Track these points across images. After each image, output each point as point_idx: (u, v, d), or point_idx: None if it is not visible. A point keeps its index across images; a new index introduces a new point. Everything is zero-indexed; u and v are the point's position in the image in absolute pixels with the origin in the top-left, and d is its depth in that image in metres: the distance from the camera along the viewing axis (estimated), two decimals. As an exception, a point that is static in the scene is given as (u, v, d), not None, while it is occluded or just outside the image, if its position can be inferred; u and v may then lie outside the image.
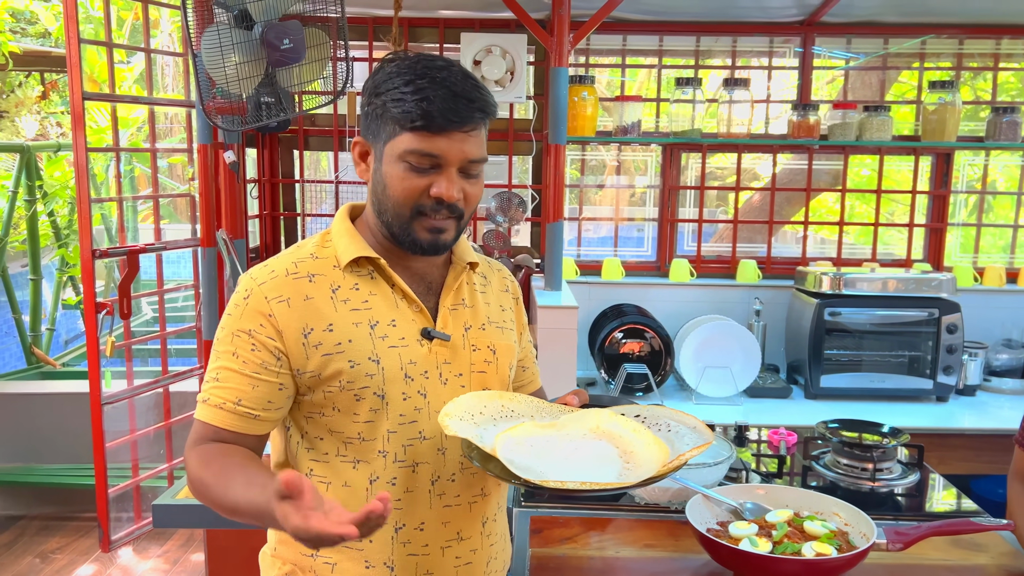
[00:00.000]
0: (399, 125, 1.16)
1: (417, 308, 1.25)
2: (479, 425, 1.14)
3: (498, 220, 3.25)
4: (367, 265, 1.26)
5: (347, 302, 1.22)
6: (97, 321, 2.56)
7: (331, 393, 1.20)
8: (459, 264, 1.32)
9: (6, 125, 7.91)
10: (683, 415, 1.23)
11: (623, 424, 1.17)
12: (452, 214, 1.20)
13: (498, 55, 3.06)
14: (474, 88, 1.17)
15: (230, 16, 2.35)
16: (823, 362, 2.98)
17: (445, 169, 1.17)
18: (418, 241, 1.21)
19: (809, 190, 3.43)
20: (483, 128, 1.20)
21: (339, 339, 1.19)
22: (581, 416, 1.18)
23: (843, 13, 3.18)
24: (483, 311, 1.34)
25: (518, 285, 1.47)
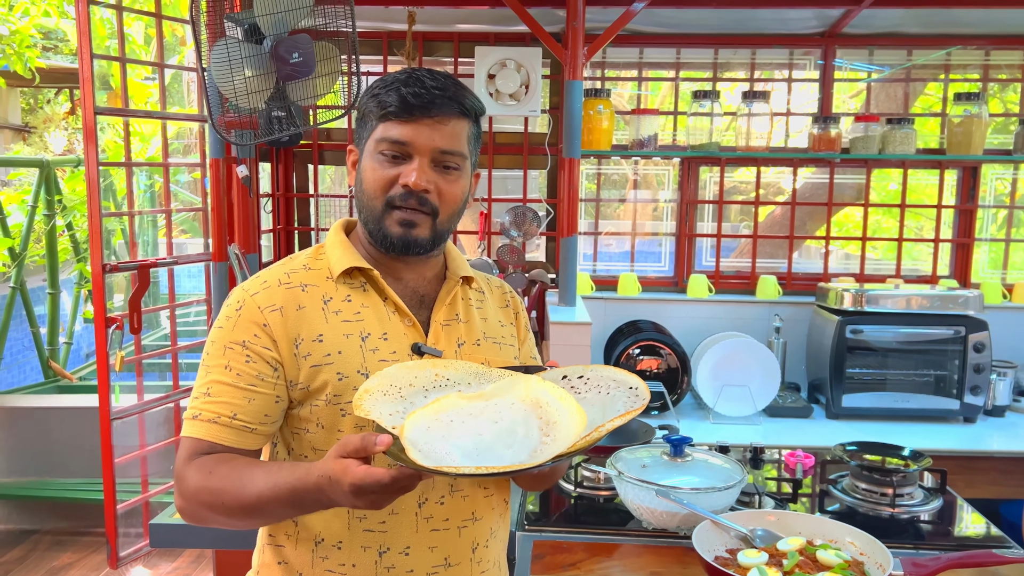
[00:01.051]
0: (375, 117, 1.18)
1: (409, 322, 1.22)
2: (407, 398, 1.06)
3: (512, 235, 3.21)
4: (360, 276, 1.23)
5: (339, 313, 1.19)
6: (107, 336, 2.55)
7: (316, 407, 1.17)
8: (453, 278, 1.29)
9: (35, 140, 8.05)
10: (627, 375, 1.12)
11: (551, 391, 1.06)
12: (423, 207, 1.17)
13: (513, 69, 3.03)
14: (453, 85, 1.18)
15: (240, 30, 2.34)
16: (845, 381, 2.89)
17: (415, 157, 1.16)
18: (389, 235, 1.19)
19: (831, 204, 3.35)
20: (458, 123, 1.18)
21: (328, 350, 1.16)
22: (513, 383, 1.09)
23: (865, 24, 3.12)
24: (478, 327, 1.30)
25: (519, 300, 1.42)
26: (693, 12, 3.03)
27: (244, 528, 1.14)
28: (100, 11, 5.23)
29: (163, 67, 2.85)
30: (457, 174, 1.20)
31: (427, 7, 3.01)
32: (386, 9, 3.04)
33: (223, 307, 1.21)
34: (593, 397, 1.09)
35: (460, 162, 1.20)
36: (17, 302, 3.92)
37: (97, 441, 2.65)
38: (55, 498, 3.30)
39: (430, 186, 1.17)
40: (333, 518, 1.18)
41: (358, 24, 2.48)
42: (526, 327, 1.41)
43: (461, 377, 1.12)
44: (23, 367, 4.55)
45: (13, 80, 6.12)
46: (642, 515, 1.61)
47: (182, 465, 1.14)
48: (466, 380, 1.12)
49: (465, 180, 1.22)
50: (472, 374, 1.13)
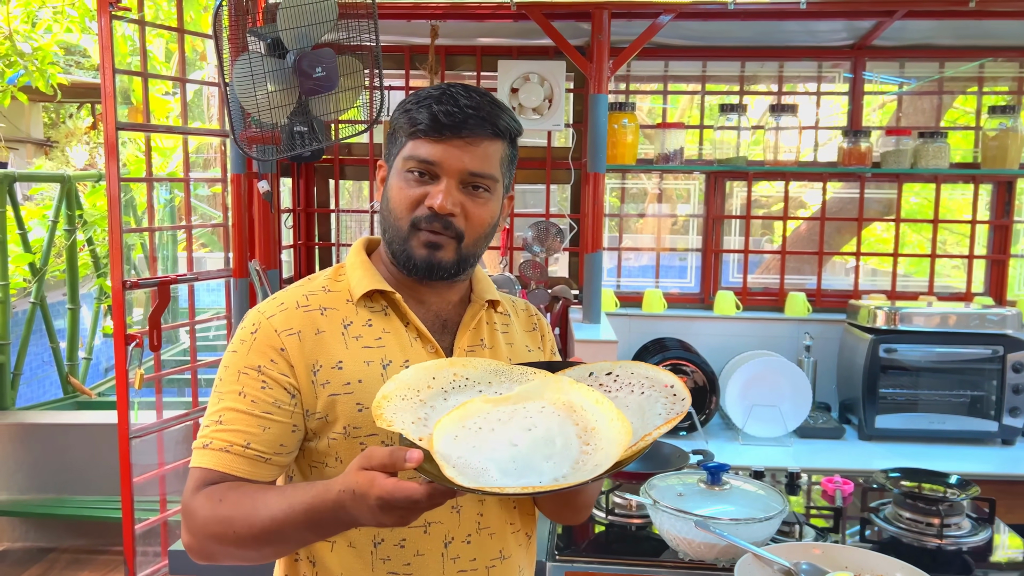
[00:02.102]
0: (405, 135, 1.13)
1: (432, 348, 1.17)
2: (427, 401, 1.00)
3: (535, 250, 3.16)
4: (381, 300, 1.18)
5: (359, 339, 1.14)
6: (127, 353, 2.52)
7: (334, 440, 1.11)
8: (477, 302, 1.24)
9: (56, 155, 8.11)
10: (659, 371, 1.04)
11: (585, 394, 0.98)
12: (447, 231, 1.12)
13: (536, 83, 2.99)
14: (489, 104, 1.13)
15: (263, 44, 2.31)
16: (878, 401, 2.81)
17: (443, 178, 1.11)
18: (413, 258, 1.13)
19: (861, 220, 3.27)
20: (491, 144, 1.13)
21: (348, 378, 1.11)
22: (541, 385, 1.02)
23: (895, 36, 3.06)
24: (503, 352, 1.24)
25: (546, 323, 1.37)
26: (719, 25, 2.98)
27: (257, 560, 1.06)
28: (123, 28, 5.26)
29: (184, 82, 2.83)
30: (487, 196, 1.15)
31: (450, 21, 2.98)
32: (408, 23, 3.01)
33: (238, 330, 1.16)
34: (626, 397, 1.01)
35: (490, 184, 1.14)
36: (37, 317, 3.91)
37: (115, 458, 2.62)
38: (73, 516, 3.27)
39: (456, 209, 1.12)
40: (355, 559, 1.12)
41: (380, 38, 2.45)
42: (552, 351, 1.35)
43: (481, 376, 1.06)
44: (43, 382, 4.54)
45: (35, 95, 6.17)
46: (679, 546, 1.55)
47: (189, 497, 1.07)
48: (486, 379, 1.05)
49: (495, 203, 1.17)
50: (492, 372, 1.07)
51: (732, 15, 2.84)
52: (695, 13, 2.81)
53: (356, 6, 2.38)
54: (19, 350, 3.70)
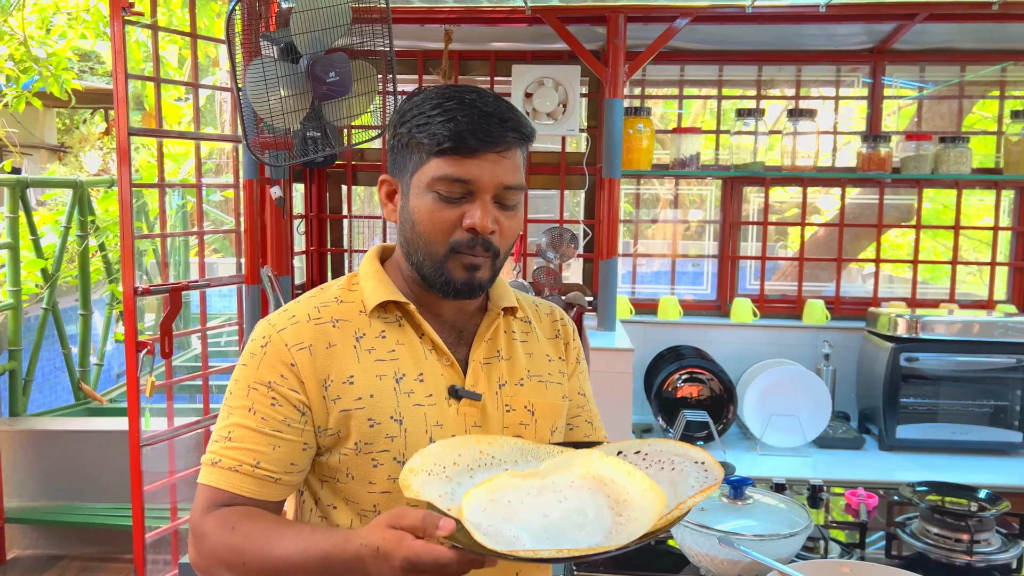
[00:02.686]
0: (426, 152, 1.05)
1: (447, 361, 1.13)
2: (452, 478, 0.97)
3: (549, 256, 3.13)
4: (395, 311, 1.14)
5: (371, 351, 1.10)
6: (138, 360, 2.50)
7: (346, 456, 1.07)
8: (494, 310, 1.19)
9: (70, 160, 8.14)
10: (690, 448, 1.03)
11: (616, 467, 0.97)
12: (487, 250, 1.07)
13: (550, 87, 2.95)
14: (507, 109, 1.07)
15: (276, 49, 2.29)
16: (899, 411, 2.76)
17: (478, 196, 1.05)
18: (452, 281, 1.08)
19: (880, 226, 3.22)
20: (519, 153, 1.08)
21: (359, 393, 1.07)
22: (569, 460, 1.00)
23: (916, 40, 3.01)
24: (522, 364, 1.19)
25: (572, 327, 1.30)
26: (737, 28, 2.95)
27: None
28: (136, 34, 5.27)
29: (197, 87, 2.81)
30: (517, 208, 1.10)
31: (464, 25, 2.96)
32: (421, 28, 2.99)
33: (248, 342, 1.12)
34: (656, 474, 0.99)
35: (520, 195, 1.10)
36: (48, 323, 3.90)
37: (126, 465, 2.60)
38: (84, 523, 3.25)
39: (495, 226, 1.07)
40: None
41: (393, 43, 2.42)
42: (578, 359, 1.29)
43: (507, 455, 1.03)
44: (54, 387, 4.54)
45: (50, 101, 6.19)
46: (700, 562, 1.51)
47: (199, 517, 1.03)
48: (512, 458, 1.03)
49: (521, 212, 1.12)
50: (518, 451, 1.04)
51: (750, 19, 2.80)
52: (712, 17, 2.78)
53: (370, 10, 2.35)
54: (31, 356, 3.69)
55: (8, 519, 3.20)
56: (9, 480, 3.27)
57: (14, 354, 3.54)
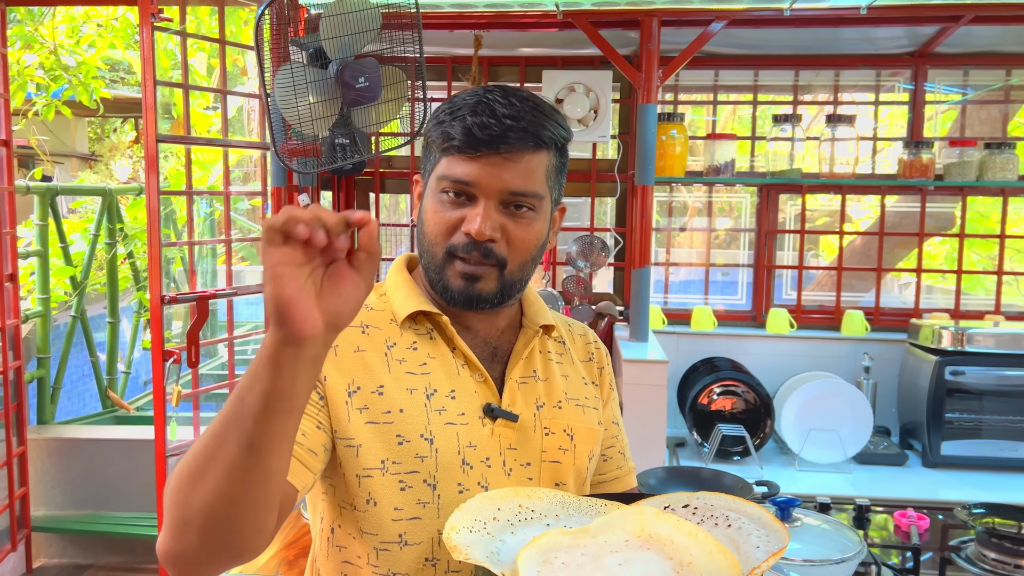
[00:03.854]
0: (439, 149, 1.01)
1: (480, 377, 1.06)
2: (494, 535, 0.91)
3: (579, 265, 3.07)
4: (426, 322, 1.07)
5: (403, 362, 1.03)
6: (164, 369, 2.47)
7: (369, 478, 0.99)
8: (530, 328, 1.11)
9: (101, 168, 8.22)
10: (743, 503, 0.96)
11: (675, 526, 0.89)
12: (487, 259, 1.00)
13: (581, 93, 2.90)
14: (530, 111, 0.98)
15: (305, 55, 2.26)
16: (944, 427, 2.66)
17: (479, 200, 0.98)
18: (450, 288, 1.02)
19: (922, 235, 3.12)
20: (533, 157, 0.99)
21: (389, 406, 0.99)
22: (620, 517, 0.92)
23: (959, 43, 2.93)
24: (559, 385, 1.12)
25: (605, 351, 1.24)
26: (773, 32, 2.88)
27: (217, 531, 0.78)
28: (164, 42, 5.30)
29: (226, 94, 2.79)
30: (531, 216, 1.01)
31: (493, 31, 2.91)
32: (451, 34, 2.95)
33: None
34: (711, 531, 0.92)
35: (535, 203, 1.01)
36: (77, 330, 3.90)
37: (150, 473, 2.57)
38: (110, 533, 3.23)
39: (496, 234, 0.99)
40: None
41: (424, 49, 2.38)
42: (611, 385, 1.22)
43: (547, 508, 0.97)
44: (82, 395, 4.55)
45: (80, 110, 6.24)
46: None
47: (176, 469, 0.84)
48: (553, 511, 0.96)
49: (541, 223, 1.03)
50: (559, 504, 0.98)
51: (787, 22, 2.73)
52: (748, 20, 2.71)
53: (400, 15, 2.31)
54: (59, 364, 3.69)
55: (35, 528, 3.19)
56: (36, 488, 3.27)
57: (42, 362, 3.55)
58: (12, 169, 2.98)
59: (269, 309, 0.71)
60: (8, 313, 2.93)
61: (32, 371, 3.46)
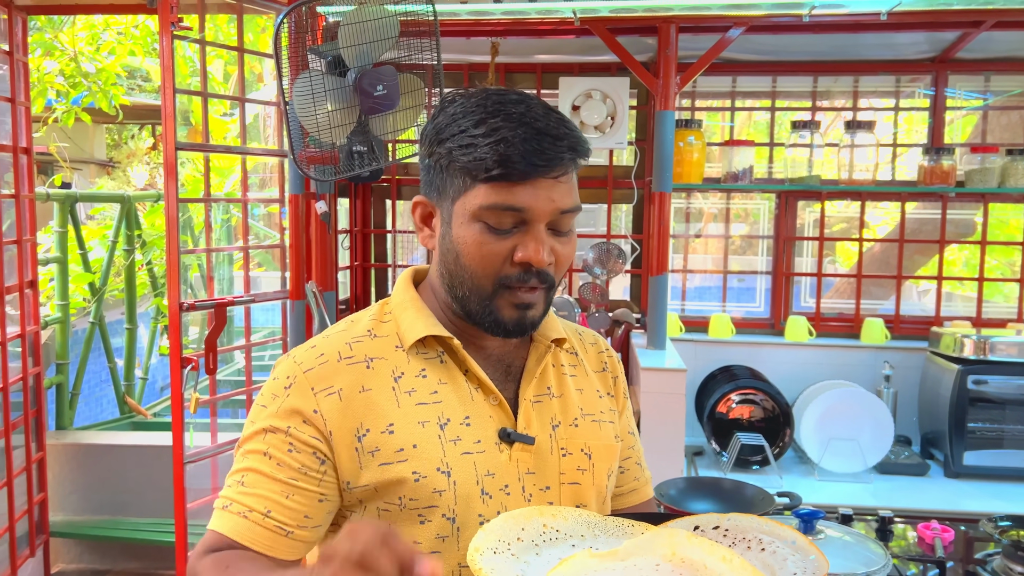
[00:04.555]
0: (471, 176, 0.93)
1: (495, 400, 1.01)
2: (519, 557, 0.88)
3: (596, 272, 3.05)
4: (436, 346, 1.02)
5: (412, 393, 0.98)
6: (182, 376, 2.48)
7: (387, 512, 0.96)
8: (542, 342, 1.07)
9: (118, 175, 8.29)
10: (775, 525, 0.93)
11: (708, 550, 0.86)
12: (542, 283, 0.96)
13: (598, 99, 2.89)
14: (560, 123, 0.94)
15: (324, 63, 2.27)
16: (967, 436, 2.63)
17: (532, 226, 0.94)
18: (502, 321, 0.98)
19: (943, 242, 3.09)
20: (574, 173, 0.97)
21: (401, 444, 0.95)
22: (650, 540, 0.89)
23: (980, 48, 2.90)
24: (575, 401, 1.08)
25: (618, 360, 1.20)
26: (792, 38, 2.86)
27: None
28: (183, 49, 5.33)
29: (244, 101, 2.80)
30: (572, 233, 0.99)
31: (510, 38, 2.91)
32: (467, 40, 2.95)
33: (269, 380, 1.01)
34: (743, 554, 0.90)
35: (574, 217, 0.98)
36: (95, 336, 3.93)
37: (168, 480, 2.57)
38: (127, 538, 3.24)
39: (551, 258, 0.95)
40: None
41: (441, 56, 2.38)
42: (625, 395, 1.18)
43: (571, 528, 0.95)
44: (99, 400, 4.57)
45: (98, 116, 6.30)
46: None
47: (196, 558, 0.92)
48: (578, 532, 0.94)
49: (575, 235, 1.01)
50: (584, 524, 0.96)
51: (806, 28, 2.71)
52: (767, 27, 2.69)
53: (418, 23, 2.31)
54: (78, 370, 3.72)
55: (53, 533, 3.21)
56: (54, 494, 3.28)
57: (61, 368, 3.57)
58: (33, 176, 3.00)
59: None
60: (28, 319, 2.95)
61: (51, 377, 3.49)
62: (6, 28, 2.83)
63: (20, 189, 2.88)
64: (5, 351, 2.78)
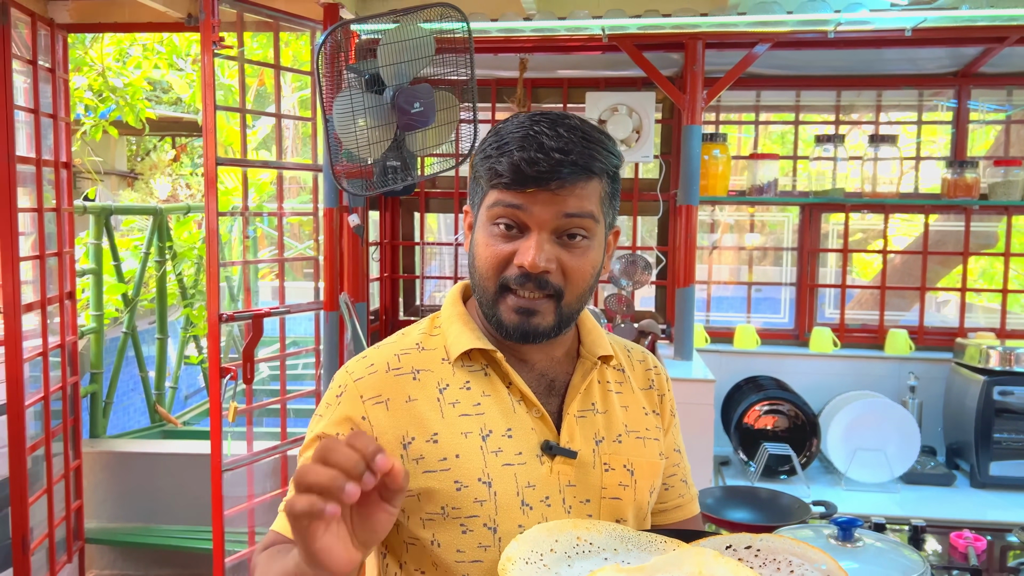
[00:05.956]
0: (487, 182, 1.00)
1: (537, 413, 1.04)
2: (551, 568, 0.91)
3: (622, 284, 3.10)
4: (480, 359, 1.06)
5: (456, 405, 1.02)
6: (221, 385, 2.54)
7: (432, 521, 1.00)
8: (588, 359, 1.09)
9: (141, 186, 8.39)
10: (807, 547, 0.95)
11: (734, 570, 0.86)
12: (542, 290, 0.98)
13: (625, 114, 2.94)
14: (580, 142, 0.97)
15: (362, 80, 2.33)
16: (992, 447, 2.65)
17: (533, 233, 0.97)
18: (504, 324, 1.01)
19: (967, 253, 3.12)
20: (586, 187, 0.98)
21: (444, 453, 0.99)
22: (679, 557, 0.89)
23: (1002, 63, 2.94)
24: (619, 418, 1.10)
25: (666, 376, 1.21)
26: (816, 53, 2.91)
27: None
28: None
29: (280, 117, 2.87)
30: (586, 244, 1.00)
31: (538, 54, 2.97)
32: (495, 57, 3.01)
33: (327, 391, 1.08)
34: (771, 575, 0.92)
35: (589, 227, 0.99)
36: (127, 346, 3.99)
37: (202, 488, 2.63)
38: (161, 546, 3.29)
39: (551, 265, 0.97)
40: None
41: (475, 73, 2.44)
42: (672, 412, 1.19)
43: (605, 541, 0.97)
44: (127, 409, 4.64)
45: (123, 129, 6.39)
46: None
47: (256, 553, 1.00)
48: (611, 545, 0.96)
49: (596, 250, 1.02)
50: (617, 538, 0.98)
51: (830, 43, 2.75)
52: (792, 42, 2.74)
53: (453, 41, 2.37)
54: (111, 379, 3.78)
55: (88, 540, 3.26)
56: (89, 501, 3.34)
57: (95, 377, 3.63)
58: (72, 190, 3.07)
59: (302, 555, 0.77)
60: (67, 330, 3.02)
61: (86, 386, 3.55)
62: (48, 45, 2.91)
63: (61, 202, 2.96)
64: (47, 360, 2.85)
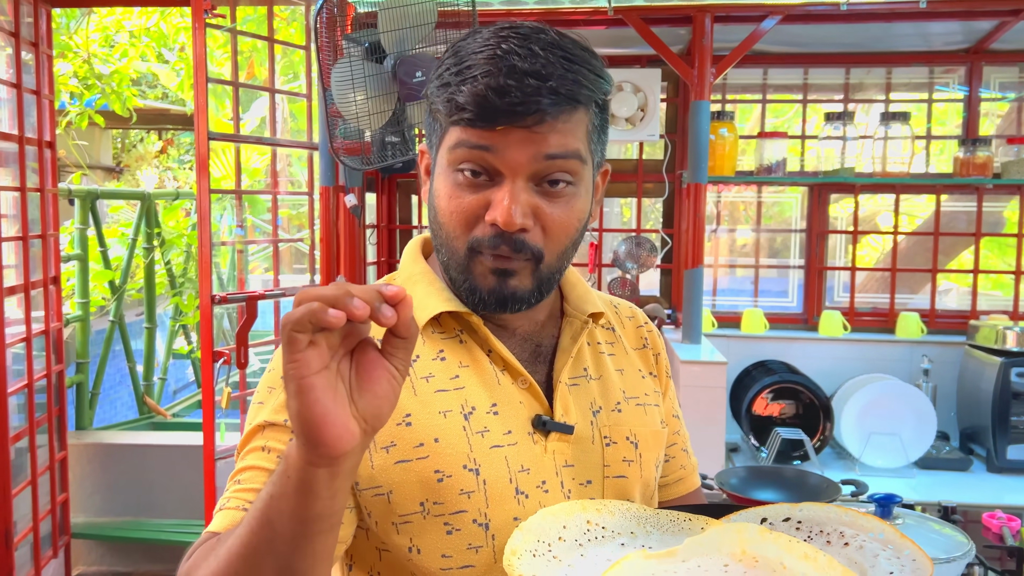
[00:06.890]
0: (446, 117, 0.81)
1: (524, 384, 0.88)
2: (562, 559, 0.77)
3: (627, 267, 3.02)
4: (453, 323, 0.89)
5: (430, 379, 0.85)
6: (213, 370, 2.44)
7: (408, 524, 0.82)
8: (576, 318, 0.93)
9: (127, 179, 8.25)
10: (856, 514, 0.80)
11: (785, 547, 0.71)
12: (517, 250, 0.81)
13: (629, 92, 2.86)
14: (560, 62, 0.78)
15: (361, 49, 2.23)
16: (1010, 431, 2.59)
17: (506, 180, 0.79)
18: (478, 290, 0.84)
19: (979, 234, 3.06)
20: (570, 118, 0.79)
21: (420, 437, 0.82)
22: (716, 536, 0.74)
23: (1016, 39, 2.87)
24: (615, 383, 0.94)
25: (658, 335, 1.05)
26: (824, 28, 2.84)
27: None
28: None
29: (274, 92, 2.77)
30: (571, 192, 0.82)
31: (541, 29, 2.88)
32: (497, 33, 2.92)
33: (265, 373, 0.88)
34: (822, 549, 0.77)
35: (575, 170, 0.81)
36: (114, 335, 3.88)
37: (191, 480, 2.52)
38: (150, 540, 3.18)
39: (528, 221, 0.80)
40: None
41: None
42: (668, 372, 1.04)
43: (619, 524, 0.83)
44: (114, 402, 4.51)
45: (109, 120, 6.26)
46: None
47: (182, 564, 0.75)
48: (627, 528, 0.82)
49: (583, 198, 0.84)
50: (632, 519, 0.84)
51: (840, 18, 2.68)
52: (801, 16, 2.66)
53: (456, 14, 2.28)
54: (97, 369, 3.67)
55: (74, 534, 3.15)
56: (75, 494, 3.23)
57: (81, 367, 3.52)
58: (56, 171, 2.96)
59: (296, 427, 0.61)
60: (52, 316, 2.91)
61: (71, 376, 3.44)
62: (31, 19, 2.80)
63: (44, 183, 2.84)
64: (31, 347, 2.73)
